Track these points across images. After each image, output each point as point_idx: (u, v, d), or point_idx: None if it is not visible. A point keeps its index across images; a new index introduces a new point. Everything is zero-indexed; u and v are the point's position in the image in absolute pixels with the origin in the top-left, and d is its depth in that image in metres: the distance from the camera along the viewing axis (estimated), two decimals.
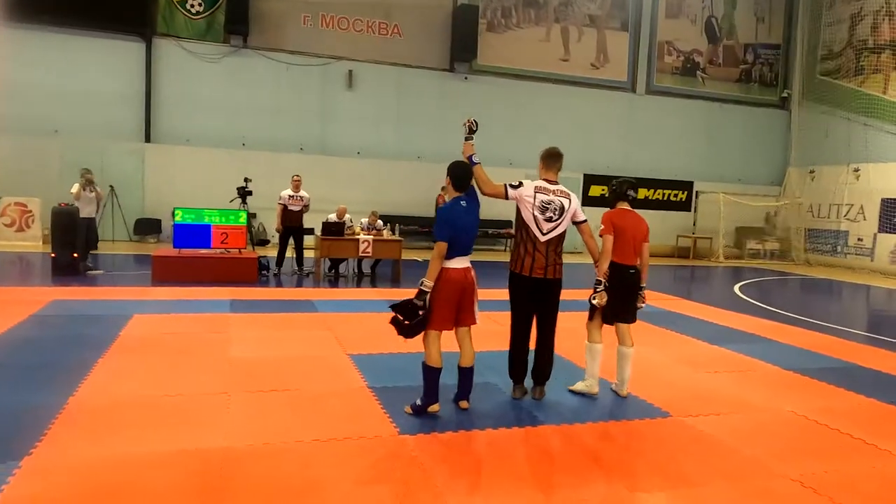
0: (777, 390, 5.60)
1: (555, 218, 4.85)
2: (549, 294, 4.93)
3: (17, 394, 4.56)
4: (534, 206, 4.82)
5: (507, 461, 3.88)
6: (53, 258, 10.11)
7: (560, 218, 4.85)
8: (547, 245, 4.86)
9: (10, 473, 3.35)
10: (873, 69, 18.68)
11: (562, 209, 4.86)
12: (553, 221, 4.84)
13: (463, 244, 4.49)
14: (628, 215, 5.20)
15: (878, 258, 17.93)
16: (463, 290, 4.50)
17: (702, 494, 3.50)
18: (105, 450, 3.71)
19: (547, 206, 4.83)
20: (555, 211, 4.84)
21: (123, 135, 15.97)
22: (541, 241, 4.84)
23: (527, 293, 4.91)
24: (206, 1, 16.44)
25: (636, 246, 5.15)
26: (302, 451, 3.84)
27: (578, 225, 4.98)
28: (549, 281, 4.89)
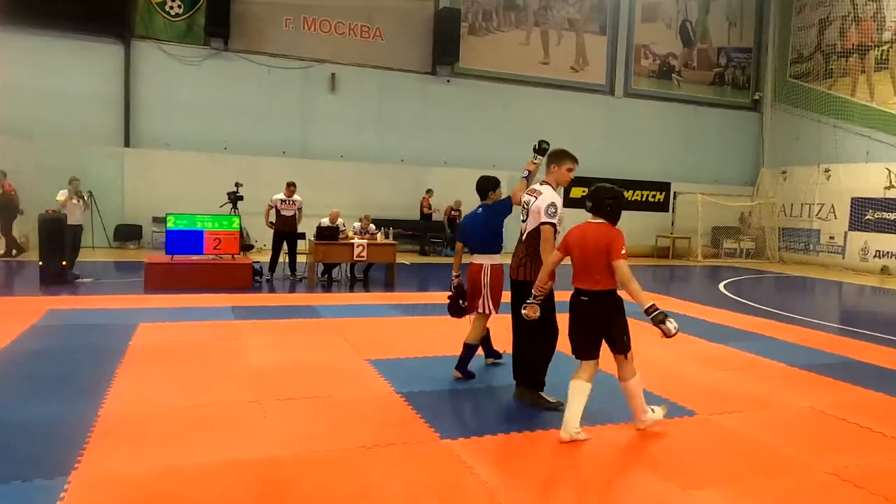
0: (788, 386, 5.76)
1: (524, 218, 4.94)
2: (520, 295, 4.82)
3: (46, 407, 4.46)
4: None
5: (553, 462, 3.93)
6: (41, 266, 9.86)
7: (528, 217, 4.89)
8: (524, 245, 4.92)
9: (62, 489, 3.28)
10: (842, 72, 19.30)
11: (526, 208, 4.91)
12: (524, 222, 4.93)
13: (470, 245, 5.41)
14: (587, 229, 4.27)
15: (849, 255, 18.53)
16: (472, 282, 5.31)
17: (748, 492, 3.60)
18: (152, 461, 3.65)
19: (525, 206, 4.94)
20: (524, 212, 4.95)
21: (102, 139, 15.65)
22: (522, 241, 4.95)
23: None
24: (185, 3, 16.21)
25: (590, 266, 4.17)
26: (350, 459, 3.83)
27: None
28: (520, 282, 4.88)
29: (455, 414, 4.77)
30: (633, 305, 4.16)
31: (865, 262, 17.98)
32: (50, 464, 3.56)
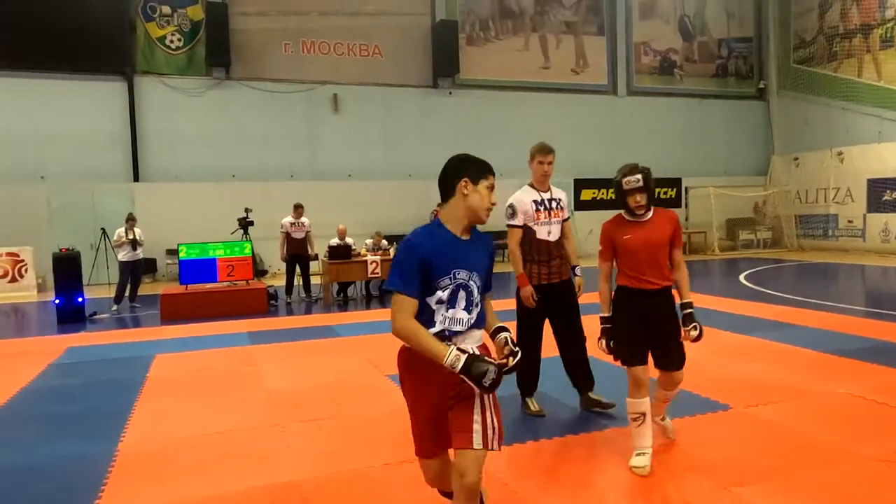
0: (822, 373, 5.58)
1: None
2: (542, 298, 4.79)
3: (64, 446, 4.38)
4: None
5: (586, 466, 3.79)
6: (58, 304, 9.87)
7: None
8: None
9: None
10: (846, 54, 19.06)
11: None
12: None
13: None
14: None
15: (869, 238, 18.18)
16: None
17: (798, 485, 3.43)
18: (174, 493, 3.56)
19: None
20: None
21: (111, 176, 15.75)
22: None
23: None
24: (185, 35, 16.35)
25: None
26: (375, 477, 3.72)
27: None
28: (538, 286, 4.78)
29: None
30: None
31: (887, 243, 17.63)
32: (72, 501, 3.48)
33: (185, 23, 16.31)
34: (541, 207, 4.65)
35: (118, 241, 10.89)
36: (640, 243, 3.61)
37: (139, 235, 11.00)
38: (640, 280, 3.64)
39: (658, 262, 3.63)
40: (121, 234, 10.88)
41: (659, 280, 3.63)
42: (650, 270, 3.62)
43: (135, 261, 11.11)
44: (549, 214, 4.68)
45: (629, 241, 3.63)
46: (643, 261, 3.62)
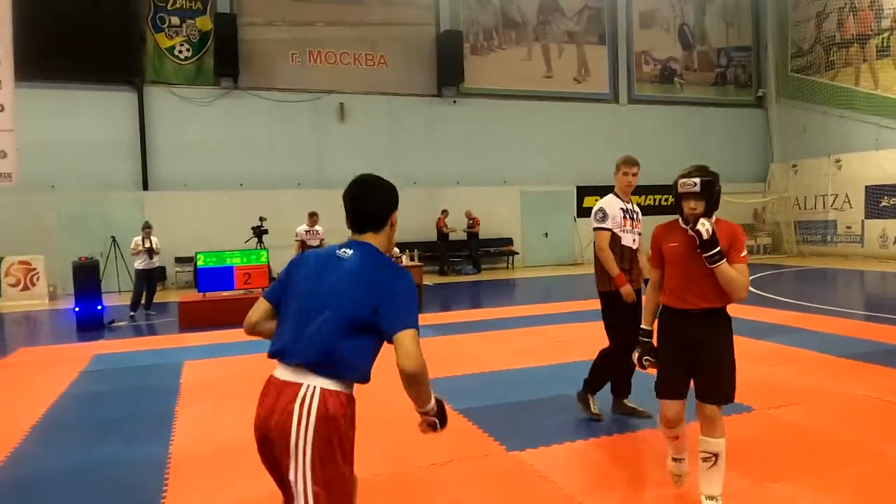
0: (839, 376, 5.79)
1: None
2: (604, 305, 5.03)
3: (118, 447, 4.55)
4: None
5: (626, 464, 3.98)
6: (77, 312, 10.01)
7: None
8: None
9: None
10: (844, 63, 19.40)
11: None
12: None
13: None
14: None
15: (868, 243, 18.47)
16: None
17: (828, 481, 3.63)
18: (235, 491, 3.73)
19: None
20: None
21: (121, 185, 15.90)
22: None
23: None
24: (193, 46, 16.54)
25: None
26: (425, 476, 3.90)
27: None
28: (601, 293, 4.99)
29: (516, 427, 4.81)
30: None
31: (885, 248, 17.93)
32: (139, 499, 3.65)
33: (193, 33, 16.50)
34: (626, 215, 4.82)
35: (135, 250, 11.03)
36: (684, 254, 3.18)
37: (155, 244, 11.14)
38: (678, 298, 3.25)
39: (702, 280, 3.15)
40: (137, 243, 11.03)
41: (698, 300, 3.19)
42: (692, 287, 3.19)
43: (151, 269, 11.26)
44: (632, 224, 4.86)
45: (675, 250, 3.24)
46: (685, 275, 3.21)
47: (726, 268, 3.07)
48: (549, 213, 19.50)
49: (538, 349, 7.45)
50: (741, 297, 3.17)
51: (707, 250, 3.06)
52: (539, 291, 13.93)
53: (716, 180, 3.16)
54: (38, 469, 4.21)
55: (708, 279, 3.15)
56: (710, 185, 3.13)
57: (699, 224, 3.07)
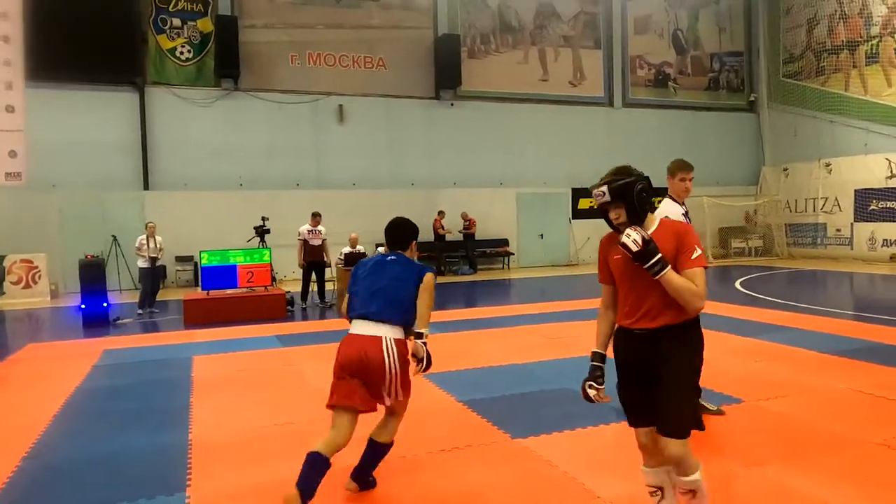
0: (824, 371, 6.07)
1: None
2: None
3: (139, 436, 4.77)
4: None
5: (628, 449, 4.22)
6: (83, 309, 10.19)
7: None
8: None
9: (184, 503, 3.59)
10: (834, 69, 19.78)
11: None
12: None
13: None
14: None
15: (857, 246, 18.84)
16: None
17: (810, 465, 3.90)
18: (257, 476, 3.96)
19: None
20: None
21: (122, 184, 16.06)
22: None
23: None
24: (194, 47, 16.73)
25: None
26: (437, 461, 4.14)
27: None
28: None
29: (519, 416, 5.05)
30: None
31: (874, 251, 18.29)
32: (165, 483, 3.87)
33: (194, 35, 16.69)
34: (685, 219, 4.82)
35: (140, 249, 11.20)
36: (627, 267, 2.78)
37: (160, 243, 11.33)
38: (628, 316, 2.85)
39: (650, 294, 2.75)
40: (142, 242, 11.21)
41: (648, 319, 2.78)
42: (641, 304, 2.79)
43: (154, 267, 11.44)
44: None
45: (618, 263, 2.83)
46: (632, 290, 2.82)
47: (671, 276, 2.67)
48: (545, 214, 19.77)
49: (536, 346, 7.70)
50: (696, 306, 2.72)
51: (643, 261, 2.66)
52: (534, 291, 14.19)
53: (634, 182, 2.76)
54: (64, 457, 4.41)
55: (657, 292, 2.73)
56: (622, 189, 2.76)
57: (623, 236, 2.69)
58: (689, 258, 2.74)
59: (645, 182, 2.82)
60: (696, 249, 2.76)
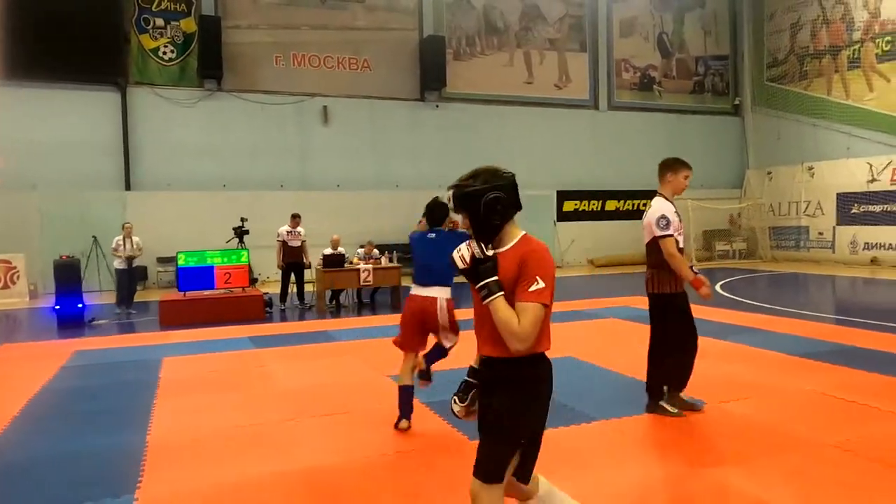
0: (791, 373, 6.09)
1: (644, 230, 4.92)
2: (650, 308, 4.98)
3: (96, 437, 4.73)
4: None
5: (579, 455, 4.23)
6: (58, 310, 10.12)
7: (644, 230, 4.90)
8: (646, 259, 4.95)
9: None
10: (816, 73, 19.92)
11: (643, 223, 4.92)
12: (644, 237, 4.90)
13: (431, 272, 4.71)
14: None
15: (838, 249, 18.96)
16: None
17: (760, 467, 3.91)
18: (209, 477, 3.93)
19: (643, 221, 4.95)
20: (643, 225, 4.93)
21: (103, 184, 15.96)
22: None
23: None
24: (177, 47, 16.66)
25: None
26: (390, 463, 4.13)
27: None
28: (648, 295, 4.94)
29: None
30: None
31: (855, 254, 18.42)
32: (114, 485, 3.84)
33: (177, 35, 16.63)
34: (678, 217, 4.83)
35: (116, 249, 11.09)
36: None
37: (137, 243, 11.25)
38: (478, 341, 2.57)
39: (487, 317, 2.42)
40: (119, 242, 11.13)
41: (485, 345, 2.50)
42: (483, 327, 2.50)
43: (131, 268, 11.36)
44: (681, 225, 4.87)
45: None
46: (478, 310, 2.50)
47: (498, 306, 2.32)
48: (530, 217, 19.43)
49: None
50: (513, 348, 2.33)
51: (473, 281, 2.38)
52: None
53: (484, 191, 2.39)
54: (18, 458, 4.37)
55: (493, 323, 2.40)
56: (465, 199, 2.42)
57: (455, 250, 2.45)
58: (525, 290, 2.32)
59: (501, 191, 2.40)
60: (536, 281, 2.32)
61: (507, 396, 2.45)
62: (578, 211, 20.55)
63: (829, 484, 3.64)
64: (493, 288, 2.35)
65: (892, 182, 17.69)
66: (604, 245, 20.14)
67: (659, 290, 4.82)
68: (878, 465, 3.88)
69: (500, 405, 2.45)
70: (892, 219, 17.59)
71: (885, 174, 17.84)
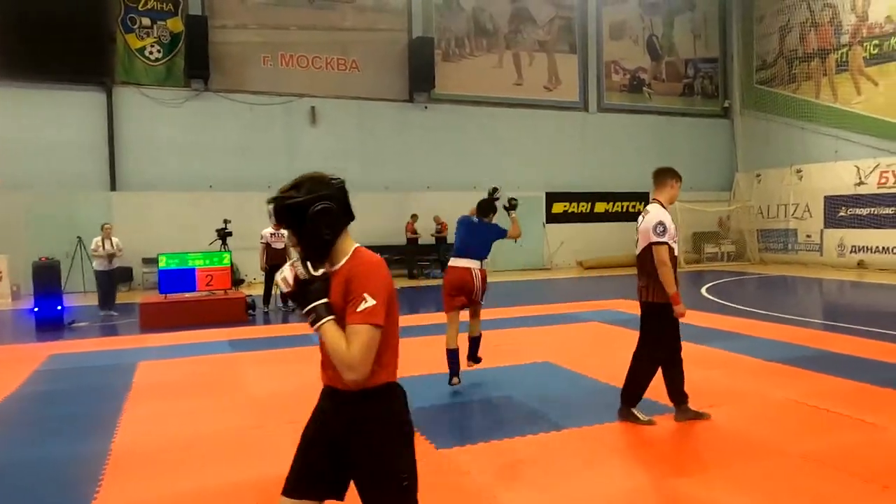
0: (765, 380, 6.08)
1: (636, 238, 4.92)
2: (641, 316, 4.94)
3: (59, 445, 4.68)
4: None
5: (546, 464, 4.20)
6: (36, 312, 10.04)
7: (637, 237, 4.89)
8: (638, 266, 4.91)
9: None
10: (805, 76, 19.97)
11: (637, 228, 4.90)
12: (637, 243, 4.90)
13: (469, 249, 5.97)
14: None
15: (826, 252, 19.01)
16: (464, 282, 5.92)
17: (722, 476, 3.89)
18: (168, 487, 3.89)
19: (636, 227, 4.95)
20: (637, 231, 4.93)
21: (89, 185, 15.86)
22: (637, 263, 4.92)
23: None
24: (164, 47, 16.58)
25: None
26: None
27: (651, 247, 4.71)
28: (641, 303, 4.91)
29: (450, 425, 5.02)
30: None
31: (842, 257, 18.47)
32: (70, 496, 3.79)
33: (164, 34, 16.54)
34: (675, 227, 4.83)
35: (96, 250, 11.00)
36: None
37: (117, 244, 11.16)
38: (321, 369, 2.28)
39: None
40: (98, 243, 11.02)
41: (335, 377, 2.16)
42: (327, 356, 2.17)
43: (111, 269, 11.27)
44: (676, 234, 4.86)
45: None
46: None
47: (326, 331, 2.06)
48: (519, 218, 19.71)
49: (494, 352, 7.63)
50: (347, 378, 2.05)
51: (299, 306, 2.12)
52: (504, 296, 14.15)
53: (308, 202, 2.11)
54: None
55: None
56: (284, 213, 2.13)
57: (277, 272, 2.20)
58: (353, 310, 2.02)
59: (330, 200, 2.14)
60: (364, 299, 2.02)
61: (372, 449, 2.13)
62: (568, 213, 20.55)
63: (789, 494, 3.63)
64: (322, 312, 2.07)
65: (879, 185, 17.76)
66: (593, 247, 20.13)
67: (654, 300, 4.78)
68: (843, 474, 3.87)
69: (375, 462, 2.13)
70: (878, 222, 17.65)
71: (873, 177, 17.90)
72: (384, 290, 2.10)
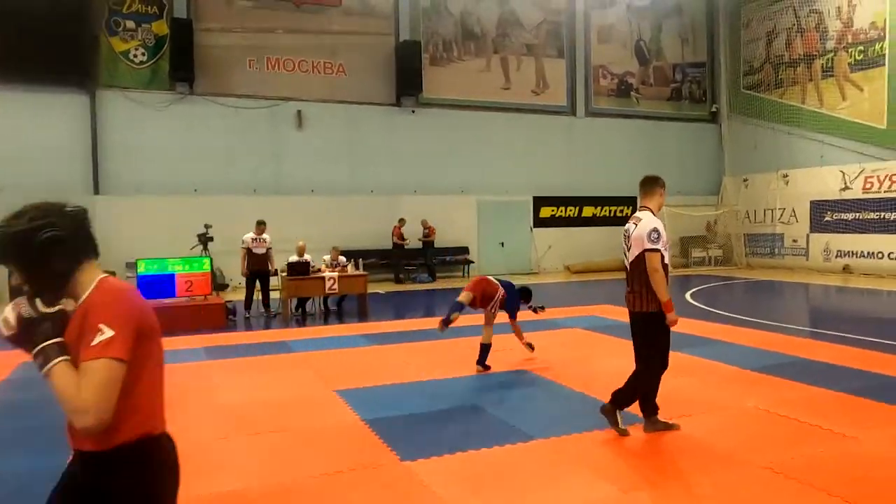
0: (737, 388, 6.06)
1: (625, 245, 4.88)
2: (632, 326, 4.91)
3: (18, 458, 4.62)
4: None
5: (509, 476, 4.16)
6: None
7: (628, 244, 4.83)
8: (629, 274, 4.86)
9: None
10: (791, 82, 20.05)
11: (628, 236, 4.85)
12: (627, 251, 4.86)
13: None
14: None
15: (812, 257, 19.07)
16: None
17: (685, 488, 3.86)
18: None
19: (625, 234, 4.91)
20: (626, 238, 4.88)
21: (72, 189, 15.67)
22: (627, 270, 4.90)
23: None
24: (149, 50, 16.48)
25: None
26: (315, 486, 4.04)
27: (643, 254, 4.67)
28: (631, 313, 4.87)
29: (416, 437, 4.97)
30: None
31: (828, 262, 18.53)
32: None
33: (149, 37, 16.45)
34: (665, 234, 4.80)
35: None
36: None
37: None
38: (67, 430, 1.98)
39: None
40: None
41: (79, 437, 1.89)
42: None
43: None
44: (668, 241, 4.83)
45: None
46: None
47: (56, 373, 1.78)
48: (506, 222, 19.76)
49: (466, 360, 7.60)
50: (80, 423, 1.76)
51: (28, 349, 1.85)
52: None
53: (35, 229, 1.89)
54: None
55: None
56: (9, 244, 1.92)
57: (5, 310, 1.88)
58: (88, 345, 1.75)
59: (59, 229, 1.87)
60: (101, 331, 1.76)
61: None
62: (555, 217, 20.54)
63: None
64: (51, 354, 1.78)
65: (864, 190, 17.83)
66: (580, 251, 20.13)
67: (646, 309, 4.73)
68: (807, 487, 3.84)
69: None
70: (863, 227, 17.72)
71: (858, 182, 17.97)
72: (128, 320, 1.81)
